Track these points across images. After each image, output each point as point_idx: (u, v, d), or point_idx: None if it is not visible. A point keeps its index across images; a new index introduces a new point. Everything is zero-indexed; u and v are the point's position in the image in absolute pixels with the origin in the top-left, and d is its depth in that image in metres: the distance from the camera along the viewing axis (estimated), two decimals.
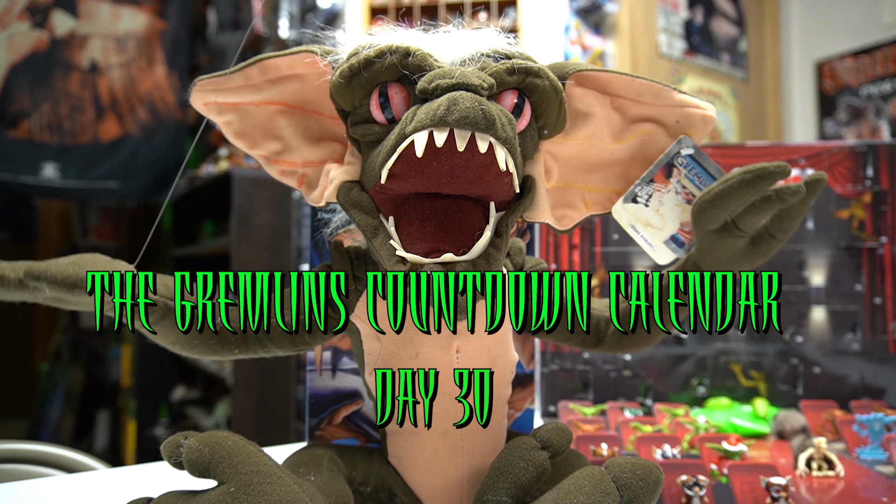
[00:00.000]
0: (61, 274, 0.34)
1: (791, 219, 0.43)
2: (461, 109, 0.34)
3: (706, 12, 2.76)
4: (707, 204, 0.41)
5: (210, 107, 0.44)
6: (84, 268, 0.35)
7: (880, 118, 2.67)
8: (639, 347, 0.51)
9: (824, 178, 0.41)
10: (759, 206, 0.40)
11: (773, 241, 0.44)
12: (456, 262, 0.36)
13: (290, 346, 0.45)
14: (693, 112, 0.44)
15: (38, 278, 0.33)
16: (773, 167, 0.38)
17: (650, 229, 0.46)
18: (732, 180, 0.40)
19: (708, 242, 0.44)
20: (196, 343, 0.42)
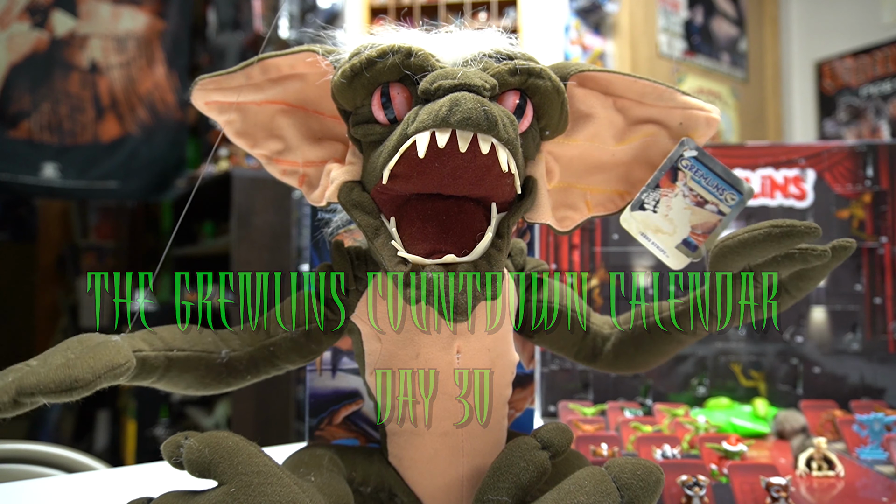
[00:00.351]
0: (53, 382, 0.31)
1: (810, 279, 0.42)
2: (463, 110, 0.34)
3: (706, 12, 2.76)
4: (728, 250, 0.41)
5: (211, 106, 0.44)
6: (75, 367, 0.32)
7: (880, 118, 2.67)
8: (632, 370, 0.51)
9: (853, 246, 0.40)
10: (780, 261, 0.40)
11: (787, 296, 0.44)
12: (457, 262, 0.36)
13: (299, 358, 0.45)
14: (696, 114, 0.44)
15: (31, 394, 0.31)
16: (803, 227, 0.38)
17: (661, 235, 0.45)
18: (759, 232, 0.39)
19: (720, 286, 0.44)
20: (208, 382, 0.43)
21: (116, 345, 0.36)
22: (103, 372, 0.33)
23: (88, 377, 0.32)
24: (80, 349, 0.34)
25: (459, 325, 0.41)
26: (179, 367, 0.41)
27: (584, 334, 0.50)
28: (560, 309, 0.49)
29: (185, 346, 0.41)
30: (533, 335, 0.51)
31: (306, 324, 0.44)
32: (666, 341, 0.48)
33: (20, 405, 0.31)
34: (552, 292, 0.50)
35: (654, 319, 0.48)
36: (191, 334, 0.42)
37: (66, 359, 0.33)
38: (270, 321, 0.45)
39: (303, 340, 0.44)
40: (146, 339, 0.39)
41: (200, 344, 0.42)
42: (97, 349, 0.34)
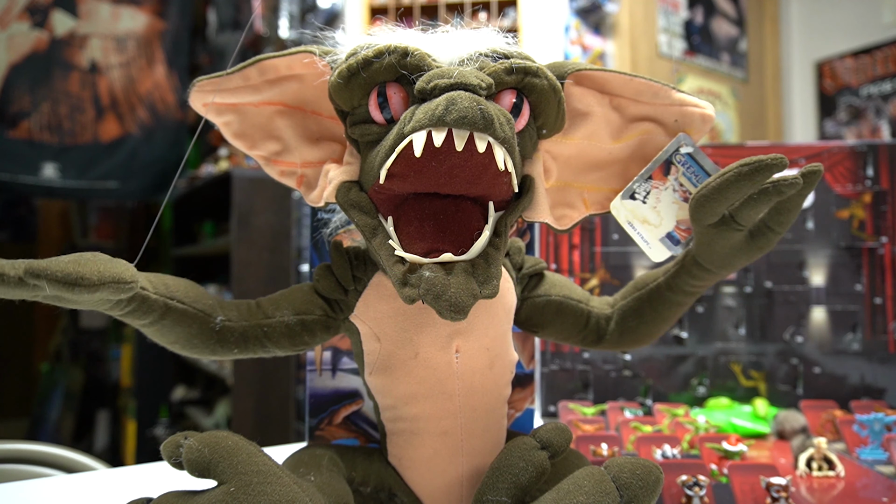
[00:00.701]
0: (61, 272, 0.33)
1: (789, 211, 0.43)
2: (459, 109, 0.34)
3: (706, 12, 2.76)
4: (704, 198, 0.41)
5: (209, 107, 0.44)
6: (84, 266, 0.34)
7: (880, 118, 2.67)
8: (639, 344, 0.51)
9: (820, 169, 0.41)
10: (756, 198, 0.40)
11: (771, 233, 0.44)
12: (455, 261, 0.36)
13: (290, 346, 0.45)
14: (692, 111, 0.44)
15: (37, 276, 0.32)
16: (769, 159, 0.38)
17: (647, 226, 0.46)
18: (729, 174, 0.39)
19: (706, 237, 0.44)
20: (195, 343, 0.42)
21: (127, 266, 0.37)
22: (108, 280, 0.35)
23: (94, 278, 0.34)
24: (92, 257, 0.36)
25: (458, 324, 0.41)
26: (174, 318, 0.41)
27: (586, 320, 0.50)
28: (559, 300, 0.50)
29: (186, 300, 0.41)
30: (538, 330, 0.51)
31: (305, 313, 0.44)
32: (666, 307, 0.49)
33: (24, 284, 0.33)
34: (550, 285, 0.50)
35: (651, 287, 0.49)
36: (193, 291, 0.42)
37: (76, 258, 0.35)
38: (271, 303, 0.45)
39: (297, 329, 0.44)
40: (152, 281, 0.40)
41: (200, 303, 0.42)
42: (108, 261, 0.36)
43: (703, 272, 0.46)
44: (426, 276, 0.35)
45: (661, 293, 0.49)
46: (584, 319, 0.50)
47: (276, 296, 0.46)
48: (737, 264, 0.46)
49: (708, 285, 0.48)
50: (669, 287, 0.48)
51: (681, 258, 0.48)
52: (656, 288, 0.49)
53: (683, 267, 0.47)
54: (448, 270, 0.36)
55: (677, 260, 0.48)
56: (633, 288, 0.51)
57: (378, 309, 0.43)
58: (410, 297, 0.36)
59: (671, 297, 0.48)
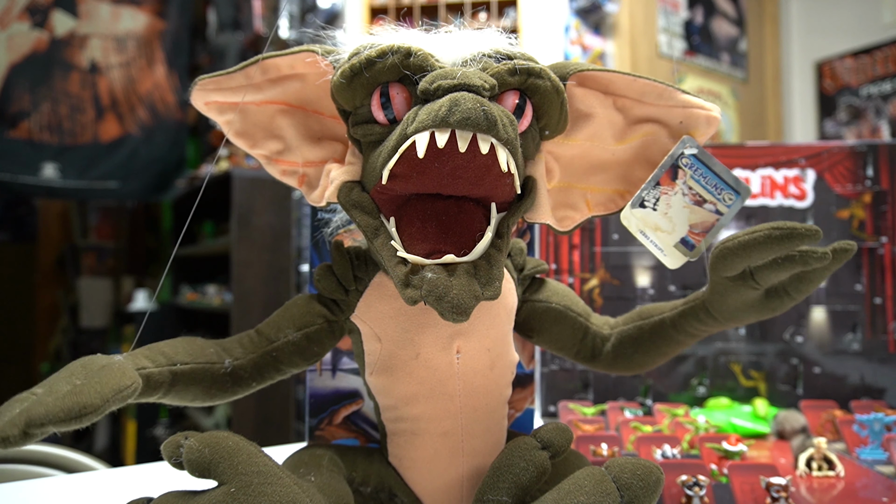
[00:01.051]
0: (62, 411, 0.31)
1: (811, 281, 0.42)
2: (463, 110, 0.34)
3: (706, 12, 2.76)
4: (728, 251, 0.41)
5: (211, 106, 0.44)
6: (82, 394, 0.32)
7: (880, 118, 2.67)
8: (631, 371, 0.51)
9: (853, 249, 0.40)
10: (780, 264, 0.40)
11: (787, 298, 0.44)
12: (457, 263, 0.36)
13: (303, 361, 0.45)
14: (697, 113, 0.44)
15: (40, 426, 0.31)
16: (804, 229, 0.38)
17: (660, 233, 0.45)
18: (759, 234, 0.39)
19: (721, 287, 0.44)
20: (214, 393, 0.43)
21: (121, 366, 0.35)
22: (111, 396, 0.33)
23: (97, 402, 0.32)
24: (85, 374, 0.34)
25: (459, 325, 0.41)
26: (184, 381, 0.41)
27: (583, 335, 0.50)
28: (560, 309, 0.49)
29: (188, 360, 0.41)
30: (532, 335, 0.51)
31: (307, 326, 0.44)
32: (665, 342, 0.49)
33: (30, 437, 0.31)
34: (552, 292, 0.50)
35: (654, 320, 0.49)
36: (192, 347, 0.42)
37: (72, 385, 0.33)
38: (271, 326, 0.45)
39: (305, 343, 0.44)
40: (148, 357, 0.39)
41: (203, 356, 0.42)
42: (102, 373, 0.34)
43: (710, 319, 0.46)
44: (428, 278, 0.35)
45: (663, 328, 0.48)
46: (582, 334, 0.50)
47: (274, 317, 0.46)
48: (745, 320, 0.46)
49: (711, 332, 0.48)
50: (674, 325, 0.48)
51: (691, 299, 0.47)
52: (660, 322, 0.48)
53: (692, 309, 0.47)
54: (450, 272, 0.36)
55: (687, 300, 0.48)
56: (636, 316, 0.50)
57: (379, 309, 0.43)
58: (413, 298, 0.36)
59: (673, 335, 0.48)
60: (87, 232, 3.34)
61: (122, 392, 0.34)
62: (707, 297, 0.46)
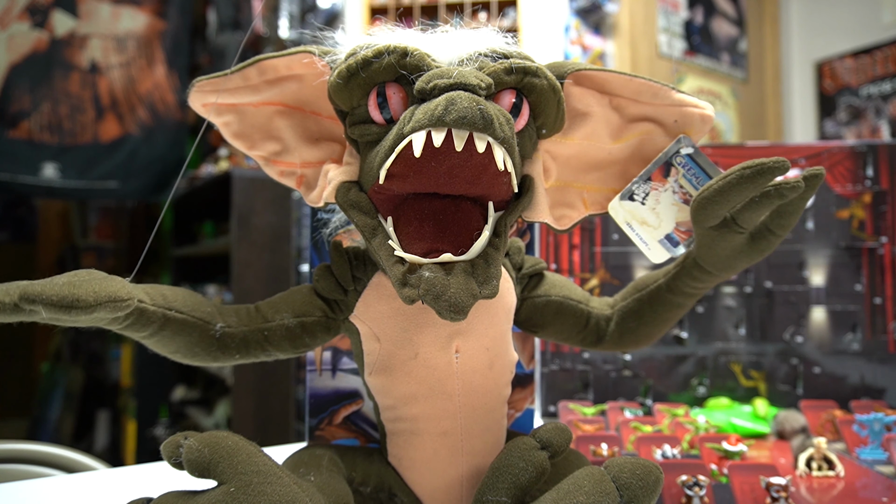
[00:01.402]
0: (56, 295, 0.33)
1: (790, 214, 0.43)
2: (459, 109, 0.34)
3: (706, 12, 2.76)
4: (706, 200, 0.41)
5: (209, 108, 0.44)
6: (79, 287, 0.34)
7: (880, 118, 2.67)
8: (639, 345, 0.51)
9: (822, 173, 0.41)
10: (757, 202, 0.40)
11: (772, 236, 0.44)
12: (454, 262, 0.36)
13: (291, 348, 0.45)
14: (691, 111, 0.44)
15: (33, 301, 0.32)
16: (771, 163, 0.38)
17: (646, 227, 0.46)
18: (731, 176, 0.39)
19: (707, 239, 0.44)
20: (197, 351, 0.42)
21: (123, 283, 0.37)
22: (105, 299, 0.34)
23: (90, 300, 0.34)
24: (87, 276, 0.36)
25: (458, 324, 0.41)
26: (173, 328, 0.41)
27: (586, 320, 0.50)
28: (559, 300, 0.50)
29: (184, 310, 0.41)
30: (537, 330, 0.51)
31: (305, 315, 0.44)
32: (666, 308, 0.49)
33: (20, 310, 0.32)
34: (550, 286, 0.50)
35: (651, 289, 0.49)
36: (192, 299, 0.42)
37: (71, 279, 0.34)
38: (270, 306, 0.45)
39: (298, 331, 0.44)
40: (149, 293, 0.40)
41: (199, 311, 0.42)
42: (103, 280, 0.36)
43: (703, 274, 0.46)
44: (426, 277, 0.35)
45: (661, 294, 0.49)
46: (584, 320, 0.50)
47: (276, 299, 0.46)
48: (737, 266, 0.46)
49: (708, 287, 0.48)
50: (669, 289, 0.48)
51: (681, 260, 0.48)
52: (656, 289, 0.49)
53: (684, 268, 0.47)
54: (448, 271, 0.36)
55: (678, 261, 0.48)
56: (633, 289, 0.51)
57: (378, 309, 0.43)
58: (410, 297, 0.36)
59: (671, 299, 0.48)
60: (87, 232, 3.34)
61: (115, 301, 0.35)
62: (696, 253, 0.46)
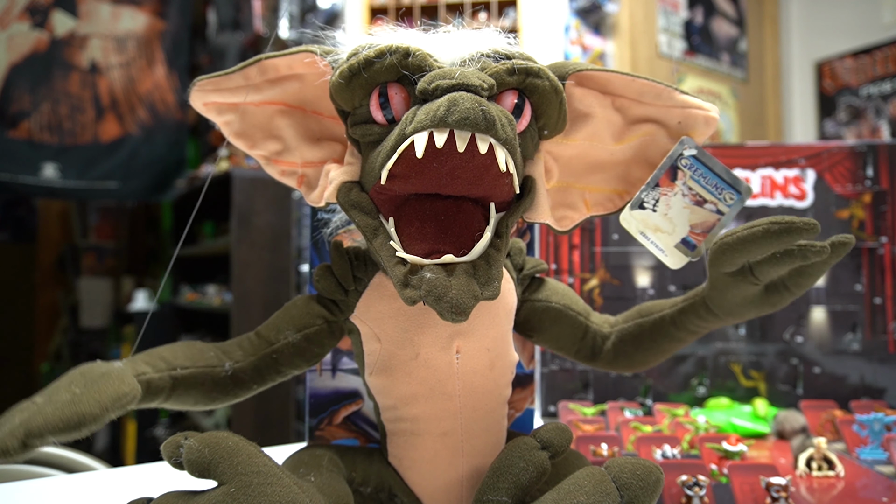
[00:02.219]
0: (61, 422, 0.31)
1: (809, 276, 0.42)
2: (461, 110, 0.34)
3: (706, 12, 2.76)
4: (727, 247, 0.41)
5: (209, 107, 0.44)
6: (81, 403, 0.32)
7: (880, 118, 2.67)
8: (632, 369, 0.51)
9: (851, 242, 0.40)
10: (779, 258, 0.40)
11: (786, 293, 0.44)
12: (456, 262, 0.36)
13: (304, 363, 0.45)
14: (695, 113, 0.44)
15: (39, 436, 0.31)
16: (801, 223, 0.38)
17: (660, 234, 0.45)
18: (757, 228, 0.39)
19: (721, 283, 0.44)
20: (215, 396, 0.43)
21: (120, 373, 0.36)
22: (110, 404, 0.33)
23: (96, 411, 0.33)
24: (84, 382, 0.34)
25: (459, 325, 0.41)
26: (185, 385, 0.41)
27: (583, 334, 0.50)
28: (560, 308, 0.49)
29: (188, 364, 0.41)
30: (533, 335, 0.51)
31: (307, 327, 0.44)
32: (666, 340, 0.49)
33: (29, 447, 0.31)
34: (552, 292, 0.50)
35: (654, 318, 0.49)
36: (192, 351, 0.42)
37: (71, 395, 0.33)
38: (270, 328, 0.45)
39: (305, 344, 0.44)
40: (148, 362, 0.39)
41: (203, 359, 0.42)
42: (101, 381, 0.34)
43: (710, 315, 0.46)
44: (427, 278, 0.35)
45: (663, 325, 0.48)
46: (582, 333, 0.50)
47: (274, 319, 0.46)
48: (746, 315, 0.46)
49: (712, 328, 0.48)
50: (674, 322, 0.48)
51: (691, 296, 0.47)
52: (660, 319, 0.48)
53: (692, 306, 0.47)
54: (449, 272, 0.36)
55: (687, 296, 0.48)
56: (636, 314, 0.50)
57: (378, 309, 0.43)
58: (411, 298, 0.36)
59: (673, 332, 0.48)
60: (87, 232, 3.34)
61: (120, 400, 0.34)
62: (707, 294, 0.46)
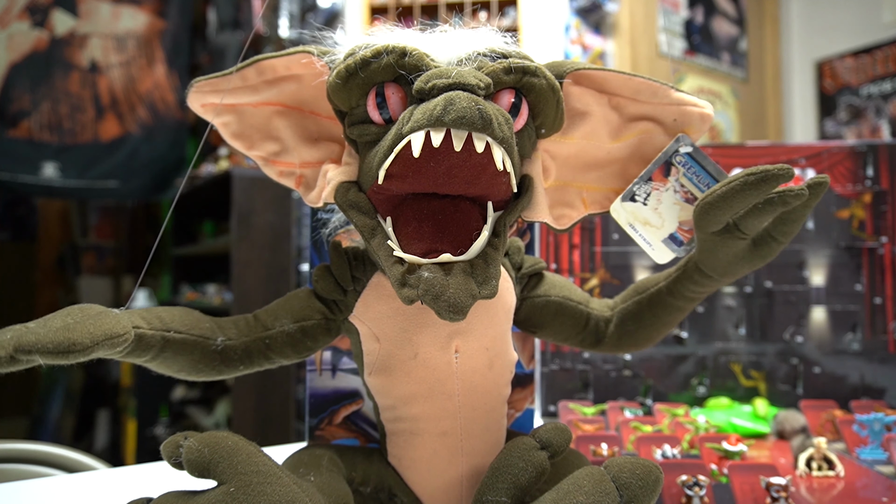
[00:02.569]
0: (52, 343, 0.32)
1: (793, 221, 0.43)
2: (458, 109, 0.34)
3: (706, 12, 2.75)
4: (709, 205, 0.41)
5: (207, 108, 0.44)
6: (74, 330, 0.33)
7: (880, 118, 2.67)
8: (637, 347, 0.51)
9: (827, 181, 0.41)
10: (761, 208, 0.40)
11: (774, 243, 0.44)
12: (454, 262, 0.36)
13: (294, 354, 0.45)
14: (691, 110, 0.44)
15: (28, 352, 0.31)
16: (776, 169, 0.38)
17: (649, 228, 0.46)
18: (735, 182, 0.39)
19: (709, 244, 0.44)
20: (200, 367, 0.43)
21: (117, 316, 0.36)
22: (101, 339, 0.34)
23: (86, 342, 0.33)
24: (81, 315, 0.35)
25: (457, 324, 0.41)
26: (174, 349, 0.41)
27: (585, 321, 0.50)
28: (559, 301, 0.50)
29: (183, 329, 0.41)
30: (536, 330, 0.51)
31: (305, 319, 0.44)
32: (666, 311, 0.49)
33: (16, 361, 0.32)
34: (550, 286, 0.50)
35: (651, 292, 0.49)
36: (189, 318, 0.42)
37: (65, 322, 0.34)
38: (269, 314, 0.45)
39: (299, 336, 0.44)
40: (145, 317, 0.39)
41: (197, 328, 0.42)
42: (97, 317, 0.35)
43: (704, 278, 0.46)
44: (425, 277, 0.35)
45: (661, 298, 0.49)
46: (584, 321, 0.50)
47: (273, 306, 0.46)
48: (739, 272, 0.46)
49: (709, 292, 0.48)
50: (670, 292, 0.48)
51: (683, 264, 0.48)
52: (657, 292, 0.49)
53: (685, 272, 0.47)
54: (447, 271, 0.36)
55: (679, 265, 0.48)
56: (633, 291, 0.50)
57: (377, 309, 0.43)
58: (409, 297, 0.36)
59: (671, 302, 0.48)
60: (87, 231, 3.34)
61: (112, 338, 0.34)
62: (698, 257, 0.46)
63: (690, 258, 0.47)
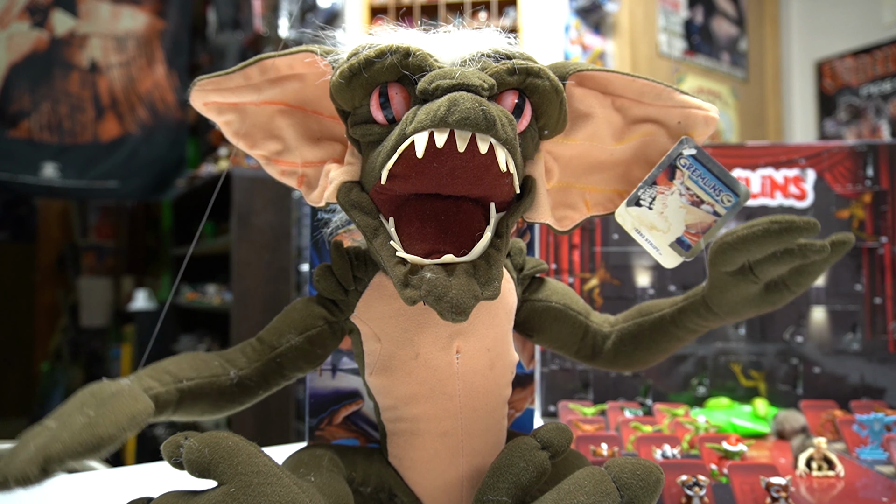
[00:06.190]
0: (80, 445, 0.31)
1: (809, 274, 0.42)
2: (462, 110, 0.34)
3: (706, 12, 2.75)
4: (728, 245, 0.41)
5: (210, 107, 0.44)
6: (98, 426, 0.32)
7: (880, 118, 2.67)
8: (632, 368, 0.51)
9: (851, 241, 0.40)
10: (779, 257, 0.40)
11: (787, 292, 0.44)
12: (456, 262, 0.36)
13: (307, 365, 0.45)
14: (695, 113, 0.44)
15: (59, 461, 0.31)
16: (801, 222, 0.38)
17: (655, 232, 0.45)
18: (758, 227, 0.39)
19: (720, 282, 0.44)
20: (222, 404, 0.43)
21: (132, 392, 0.36)
22: (127, 424, 0.33)
23: (113, 432, 0.33)
24: (97, 403, 0.34)
25: (459, 325, 0.41)
26: (192, 397, 0.41)
27: (583, 333, 0.50)
28: (560, 308, 0.49)
29: (194, 375, 0.42)
30: (533, 335, 0.51)
31: (309, 329, 0.44)
32: (665, 339, 0.49)
33: (48, 474, 0.31)
34: (552, 291, 0.50)
35: (654, 317, 0.49)
36: (196, 362, 0.43)
37: (87, 417, 0.33)
38: (272, 333, 0.45)
39: (308, 347, 0.44)
40: (154, 377, 0.40)
41: (208, 370, 0.42)
42: (114, 401, 0.34)
43: (710, 314, 0.46)
44: (427, 278, 0.35)
45: (663, 324, 0.48)
46: (582, 332, 0.50)
47: (275, 323, 0.46)
48: (745, 314, 0.46)
49: (711, 327, 0.48)
50: (673, 321, 0.48)
51: (690, 295, 0.48)
52: (660, 318, 0.49)
53: (692, 305, 0.47)
54: (449, 272, 0.36)
55: (687, 295, 0.48)
56: (636, 313, 0.50)
57: (379, 309, 0.43)
58: (412, 298, 0.36)
59: (672, 331, 0.48)
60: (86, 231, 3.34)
61: (136, 419, 0.34)
62: (706, 293, 0.46)
63: (699, 291, 0.47)
